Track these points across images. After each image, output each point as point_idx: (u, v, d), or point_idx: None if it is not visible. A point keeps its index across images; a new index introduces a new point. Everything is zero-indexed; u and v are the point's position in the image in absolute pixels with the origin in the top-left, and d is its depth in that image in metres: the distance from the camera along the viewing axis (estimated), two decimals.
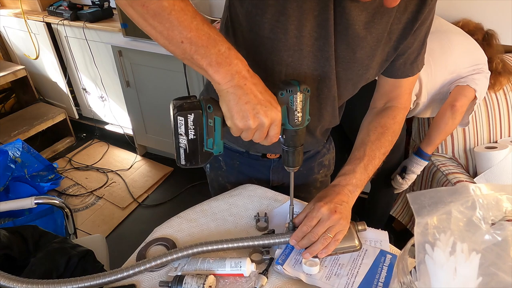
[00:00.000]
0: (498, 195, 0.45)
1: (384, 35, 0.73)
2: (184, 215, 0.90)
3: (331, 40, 0.70)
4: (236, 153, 1.00)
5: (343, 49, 0.73)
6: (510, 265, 0.43)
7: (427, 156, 1.51)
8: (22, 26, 2.59)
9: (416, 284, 0.47)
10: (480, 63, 1.44)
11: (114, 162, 2.67)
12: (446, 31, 1.46)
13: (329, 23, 0.68)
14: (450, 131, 1.48)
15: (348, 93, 0.85)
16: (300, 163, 0.70)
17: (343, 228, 0.73)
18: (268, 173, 1.01)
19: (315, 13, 0.67)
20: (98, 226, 2.16)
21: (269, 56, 0.73)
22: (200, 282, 0.69)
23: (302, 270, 0.72)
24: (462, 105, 1.40)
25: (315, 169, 1.04)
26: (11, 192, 1.89)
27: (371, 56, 0.75)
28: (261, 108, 0.59)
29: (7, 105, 2.95)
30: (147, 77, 2.22)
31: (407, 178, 1.57)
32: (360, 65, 0.76)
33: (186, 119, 0.60)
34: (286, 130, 0.66)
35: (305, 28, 0.67)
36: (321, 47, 0.71)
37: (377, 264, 0.73)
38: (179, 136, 0.61)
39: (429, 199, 0.45)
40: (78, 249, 1.00)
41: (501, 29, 1.60)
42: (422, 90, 1.43)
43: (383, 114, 0.88)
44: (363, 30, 0.71)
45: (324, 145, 1.03)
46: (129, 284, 0.73)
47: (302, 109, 0.63)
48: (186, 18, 0.55)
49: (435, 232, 0.45)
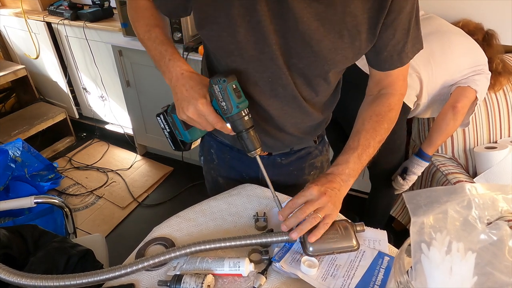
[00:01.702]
0: (494, 195, 0.45)
1: (344, 26, 0.70)
2: (183, 214, 0.90)
3: (271, 41, 0.71)
4: (226, 147, 1.02)
5: (298, 45, 0.71)
6: (505, 265, 0.43)
7: (428, 157, 1.51)
8: (22, 26, 2.60)
9: (413, 283, 0.47)
10: (481, 64, 1.44)
11: (114, 162, 2.68)
12: (447, 32, 1.46)
13: (262, 25, 0.69)
14: (451, 132, 1.47)
15: (323, 88, 0.84)
16: (256, 147, 0.76)
17: (332, 213, 0.74)
18: (257, 169, 1.01)
19: (248, 18, 0.69)
20: (98, 226, 2.16)
21: (220, 64, 0.82)
22: (198, 281, 0.69)
23: (300, 269, 0.72)
24: (464, 106, 1.40)
25: (305, 170, 1.04)
26: (11, 192, 1.89)
27: (333, 49, 0.72)
28: (184, 103, 0.73)
29: (7, 105, 2.95)
30: (147, 77, 2.22)
31: (408, 179, 1.57)
32: (323, 60, 0.74)
33: (160, 120, 0.85)
34: (227, 119, 0.74)
35: (239, 34, 0.70)
36: (262, 50, 0.72)
37: (374, 266, 0.73)
38: (163, 131, 0.87)
39: (425, 198, 0.45)
40: (78, 248, 1.01)
41: (501, 29, 1.60)
42: (422, 91, 1.43)
43: (377, 102, 0.87)
44: (314, 22, 0.68)
45: (316, 146, 1.03)
46: (128, 284, 0.74)
47: (224, 98, 0.71)
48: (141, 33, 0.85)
49: (431, 232, 0.45)
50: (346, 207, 2.07)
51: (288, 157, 1.01)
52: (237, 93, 0.72)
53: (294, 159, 1.01)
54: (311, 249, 0.73)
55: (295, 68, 0.76)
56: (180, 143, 0.86)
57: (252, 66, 0.76)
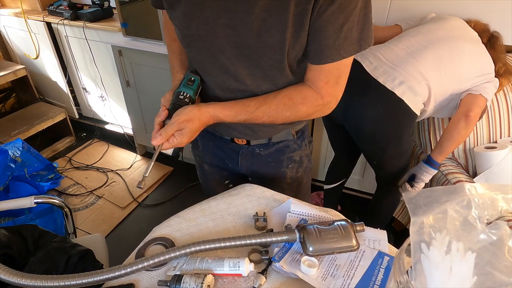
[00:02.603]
0: (494, 195, 0.45)
1: (288, 16, 0.71)
2: (183, 214, 0.90)
3: (220, 34, 0.77)
4: (210, 134, 1.07)
5: (249, 37, 0.75)
6: (505, 264, 0.43)
7: (437, 165, 1.48)
8: (22, 26, 2.60)
9: (413, 283, 0.47)
10: (491, 73, 1.42)
11: (114, 162, 2.68)
12: (458, 38, 1.43)
13: (210, 20, 0.75)
14: (462, 140, 1.44)
15: (282, 80, 0.85)
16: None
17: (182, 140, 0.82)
18: (237, 157, 1.06)
19: (197, 14, 0.76)
20: (98, 226, 2.16)
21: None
22: (198, 281, 0.69)
23: (300, 269, 0.72)
24: (476, 115, 1.37)
25: (283, 163, 1.06)
26: (11, 192, 1.89)
27: (281, 39, 0.74)
28: None
29: (7, 105, 2.95)
30: (147, 77, 2.22)
31: (416, 187, 1.56)
32: (273, 49, 0.76)
33: None
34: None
35: (191, 28, 0.79)
36: (212, 42, 0.79)
37: (374, 266, 0.73)
38: None
39: (424, 198, 0.45)
40: (78, 248, 1.01)
41: (501, 29, 1.59)
42: (430, 99, 1.41)
43: (300, 88, 0.84)
44: (262, 12, 0.71)
45: (295, 140, 1.05)
46: (128, 284, 0.74)
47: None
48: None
49: (431, 231, 0.45)
50: (346, 207, 2.08)
51: (267, 149, 1.03)
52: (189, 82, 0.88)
53: (273, 151, 1.04)
54: (311, 249, 0.73)
55: (249, 59, 0.80)
56: None
57: (205, 56, 0.83)
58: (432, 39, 1.43)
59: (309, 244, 0.73)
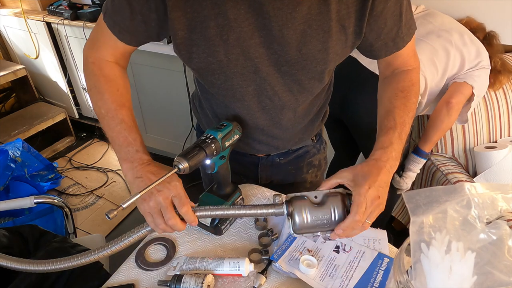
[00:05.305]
0: (494, 194, 0.45)
1: (331, 24, 0.69)
2: None
3: (253, 55, 0.71)
4: None
5: (286, 53, 0.71)
6: (505, 264, 0.43)
7: (425, 154, 1.50)
8: (22, 26, 2.59)
9: (412, 283, 0.47)
10: (482, 59, 1.43)
11: (114, 162, 2.68)
12: (449, 30, 1.46)
13: (241, 41, 0.69)
14: (447, 128, 1.47)
15: (318, 88, 0.84)
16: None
17: (380, 212, 0.71)
18: (256, 170, 1.02)
19: (225, 37, 0.69)
20: (98, 226, 2.16)
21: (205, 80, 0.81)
22: (198, 281, 0.69)
23: (299, 269, 0.72)
24: (458, 102, 1.39)
25: (304, 169, 1.04)
26: (11, 192, 1.89)
27: (323, 49, 0.72)
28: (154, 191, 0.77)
29: (7, 105, 2.95)
30: (147, 77, 2.22)
31: (405, 176, 1.57)
32: (315, 61, 0.73)
33: None
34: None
35: (218, 53, 0.71)
36: (243, 65, 0.73)
37: (373, 267, 0.73)
38: None
39: (424, 198, 0.45)
40: (78, 248, 1.01)
41: (501, 29, 1.59)
42: (427, 90, 1.42)
43: (398, 79, 0.84)
44: (300, 26, 0.68)
45: (314, 145, 1.04)
46: (128, 284, 0.74)
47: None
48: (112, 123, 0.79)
49: (431, 231, 0.45)
50: None
51: (287, 157, 1.01)
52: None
53: (292, 158, 1.02)
54: (297, 227, 0.69)
55: (287, 75, 0.76)
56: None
57: (236, 81, 0.76)
58: (424, 32, 1.44)
59: (294, 222, 0.69)
